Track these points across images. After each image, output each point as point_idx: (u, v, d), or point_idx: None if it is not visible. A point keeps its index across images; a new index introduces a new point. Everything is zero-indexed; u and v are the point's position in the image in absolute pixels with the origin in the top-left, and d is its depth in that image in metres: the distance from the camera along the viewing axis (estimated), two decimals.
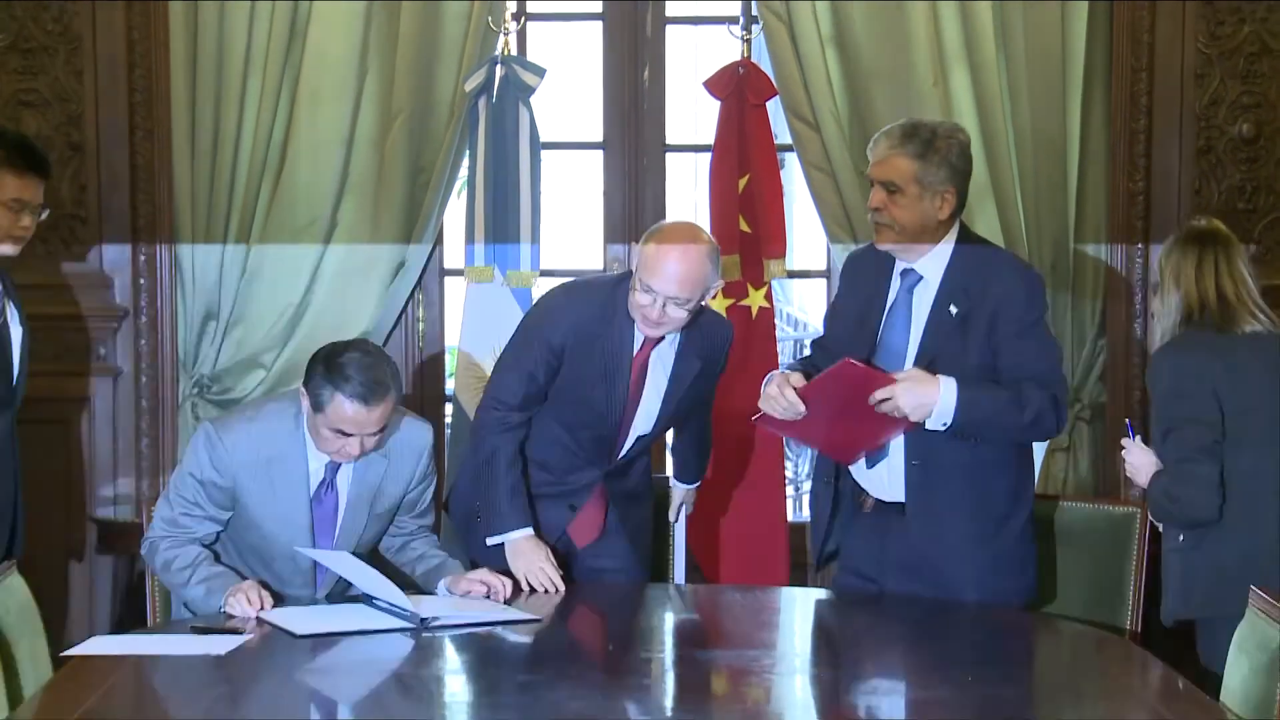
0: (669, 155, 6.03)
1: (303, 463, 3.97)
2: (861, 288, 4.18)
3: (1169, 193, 5.58)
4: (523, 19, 5.80)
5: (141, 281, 5.60)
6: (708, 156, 5.69)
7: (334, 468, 3.98)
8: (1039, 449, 5.24)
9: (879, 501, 4.11)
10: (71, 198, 5.56)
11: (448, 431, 5.60)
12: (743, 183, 5.58)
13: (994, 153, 5.58)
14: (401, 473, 4.11)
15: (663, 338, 4.23)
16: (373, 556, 4.16)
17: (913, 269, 4.05)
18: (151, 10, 5.50)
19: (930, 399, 3.88)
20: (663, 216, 5.87)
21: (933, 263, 4.05)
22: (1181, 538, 4.19)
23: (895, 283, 4.09)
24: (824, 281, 6.09)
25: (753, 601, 4.28)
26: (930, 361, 3.96)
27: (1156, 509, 4.23)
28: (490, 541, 4.20)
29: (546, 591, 4.11)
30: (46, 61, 5.52)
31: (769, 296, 5.62)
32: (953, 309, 3.99)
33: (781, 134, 5.84)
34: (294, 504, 3.98)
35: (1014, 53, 5.57)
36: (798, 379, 4.02)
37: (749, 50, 5.69)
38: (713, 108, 5.68)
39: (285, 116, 5.58)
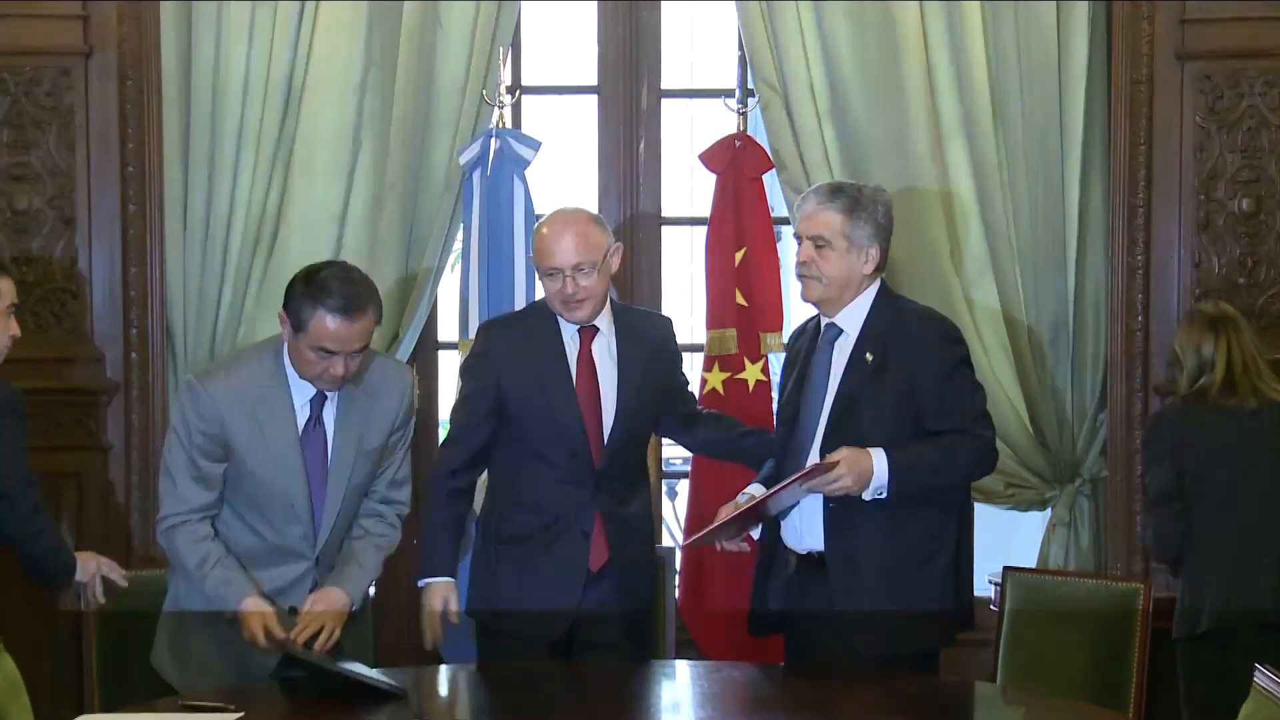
0: (665, 228, 6.05)
1: (287, 400, 3.99)
2: (796, 356, 4.35)
3: (1169, 267, 5.61)
4: (517, 92, 5.82)
5: (133, 355, 5.58)
6: (704, 230, 5.72)
7: (319, 403, 4.00)
8: (1044, 519, 5.51)
9: (800, 557, 4.20)
10: (62, 271, 5.58)
11: None
12: (739, 256, 5.60)
13: (992, 226, 5.64)
14: (386, 410, 4.13)
15: (597, 330, 4.36)
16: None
17: (834, 323, 4.21)
18: (144, 84, 5.52)
19: (869, 472, 3.99)
20: (659, 290, 5.94)
21: (852, 316, 4.21)
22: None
23: (819, 338, 4.26)
24: None
25: (751, 678, 4.25)
26: (846, 406, 4.10)
27: None
28: (420, 583, 4.32)
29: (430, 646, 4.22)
30: (38, 135, 5.55)
31: (765, 370, 5.61)
32: (869, 356, 4.13)
33: (778, 207, 5.83)
34: (284, 445, 3.98)
35: (1011, 126, 5.63)
36: (756, 489, 4.24)
37: (745, 124, 5.72)
38: (709, 181, 5.70)
39: (279, 190, 5.60)
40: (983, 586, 5.36)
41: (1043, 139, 5.62)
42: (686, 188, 6.66)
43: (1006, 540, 5.87)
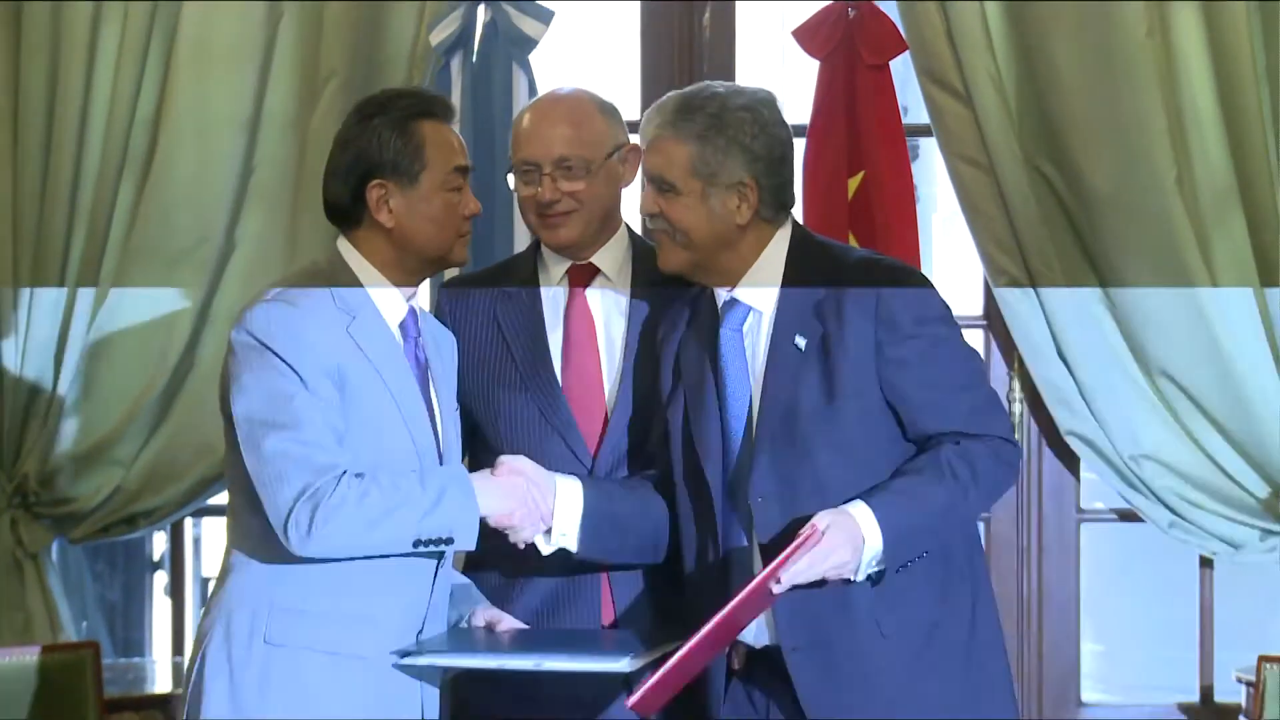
0: None
1: (381, 321, 3.93)
2: (685, 347, 4.15)
3: None
4: None
5: None
6: (801, 143, 5.44)
7: (414, 327, 4.00)
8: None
9: (753, 652, 3.99)
10: None
11: None
12: (854, 183, 5.45)
13: (1242, 139, 5.40)
14: (451, 354, 4.18)
15: (596, 272, 4.27)
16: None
17: (735, 299, 4.05)
18: None
19: (859, 540, 3.74)
20: None
21: (759, 287, 4.08)
22: None
23: (720, 324, 4.14)
24: (981, 332, 5.88)
25: None
26: (780, 421, 3.92)
27: None
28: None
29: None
30: None
31: None
32: (799, 340, 3.95)
33: (914, 109, 5.75)
34: (402, 378, 3.92)
35: None
36: None
37: None
38: (809, 70, 5.56)
39: (156, 85, 5.44)
40: (1228, 687, 5.52)
41: None
42: (774, 80, 6.28)
43: (1264, 616, 5.72)
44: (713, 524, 4.01)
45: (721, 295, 4.05)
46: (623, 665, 3.74)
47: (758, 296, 4.01)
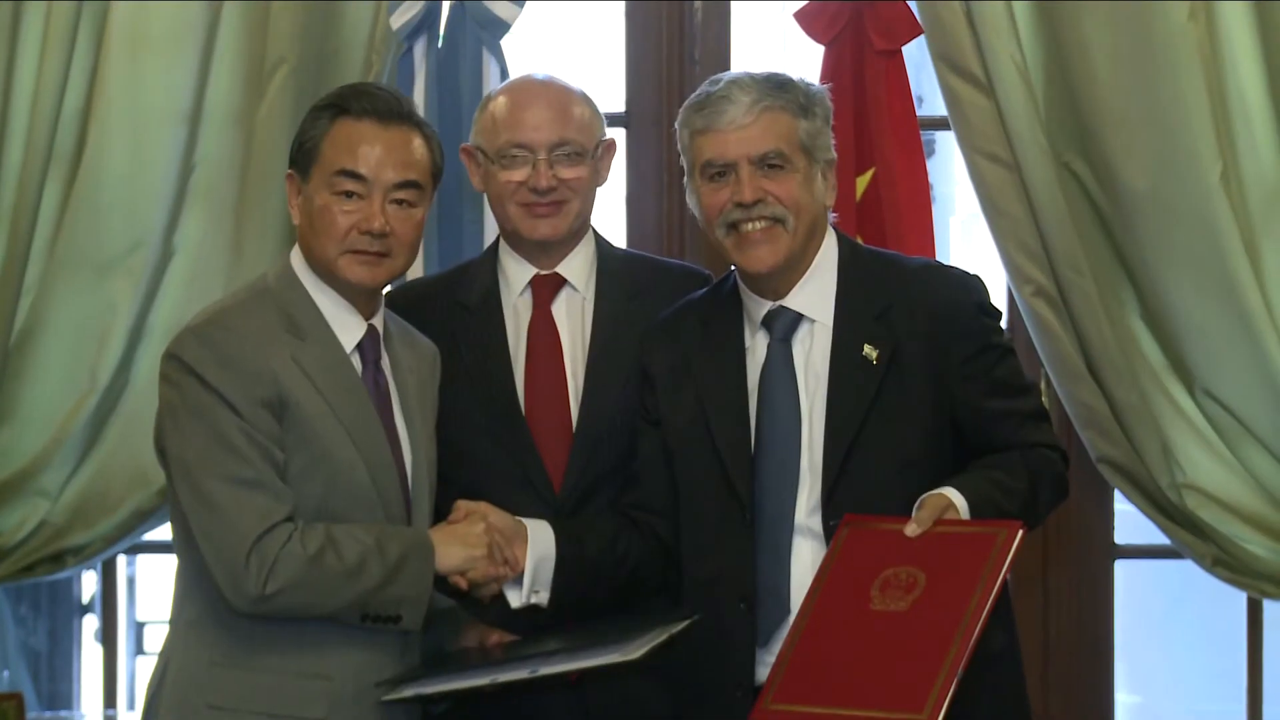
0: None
1: (334, 342, 4.01)
2: (700, 361, 4.21)
3: None
4: None
5: None
6: None
7: (373, 348, 4.08)
8: None
9: None
10: None
11: None
12: (862, 182, 5.43)
13: None
14: (429, 376, 4.26)
15: (563, 283, 4.39)
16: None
17: (784, 307, 4.14)
18: None
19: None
20: None
21: (815, 290, 4.15)
22: None
23: (757, 339, 4.18)
24: None
25: None
26: (854, 437, 4.01)
27: None
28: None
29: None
30: None
31: None
32: (870, 351, 4.06)
33: (930, 100, 5.81)
34: (357, 407, 4.00)
35: None
36: None
37: None
38: (812, 56, 5.55)
39: (85, 74, 5.41)
40: None
41: None
42: (774, 68, 6.27)
43: None
44: (743, 546, 4.02)
45: (762, 305, 4.13)
46: (625, 654, 3.78)
47: (810, 304, 4.12)
